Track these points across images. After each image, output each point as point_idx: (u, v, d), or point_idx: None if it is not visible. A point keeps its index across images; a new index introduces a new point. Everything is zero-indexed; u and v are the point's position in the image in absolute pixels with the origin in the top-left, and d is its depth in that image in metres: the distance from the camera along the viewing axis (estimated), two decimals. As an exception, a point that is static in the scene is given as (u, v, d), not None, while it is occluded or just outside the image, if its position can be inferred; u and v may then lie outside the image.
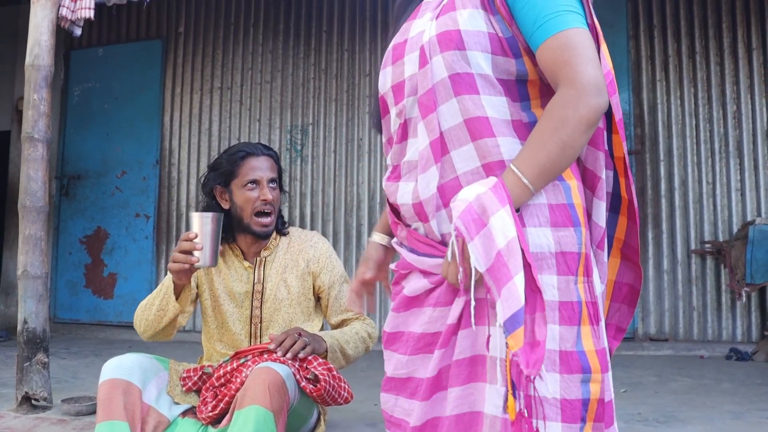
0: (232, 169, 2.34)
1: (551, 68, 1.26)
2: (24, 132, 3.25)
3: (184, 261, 2.02)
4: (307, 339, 2.15)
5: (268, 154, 2.39)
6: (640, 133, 5.31)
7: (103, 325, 6.31)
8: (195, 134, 6.32)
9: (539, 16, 1.27)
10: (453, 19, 1.33)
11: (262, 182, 2.34)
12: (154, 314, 2.27)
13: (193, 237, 2.01)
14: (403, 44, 1.44)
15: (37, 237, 3.17)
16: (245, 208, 2.34)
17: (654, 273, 5.19)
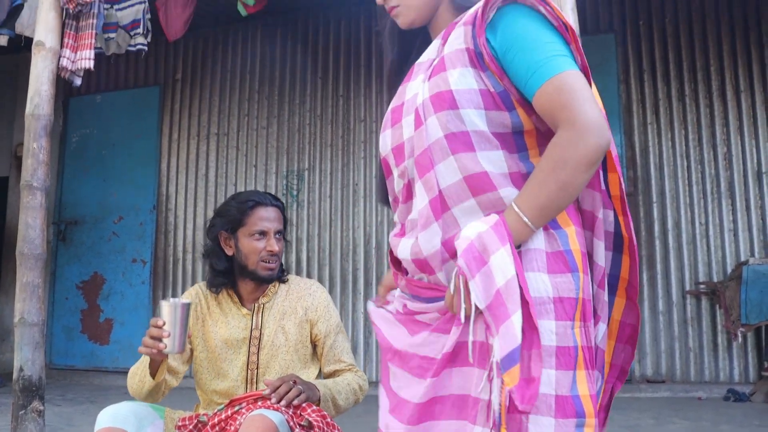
0: (241, 217, 2.37)
1: (550, 113, 1.28)
2: (23, 180, 3.28)
3: (153, 347, 2.04)
4: (302, 387, 2.16)
5: (276, 205, 2.42)
6: (632, 175, 5.37)
7: (99, 371, 6.28)
8: (192, 180, 6.37)
9: (531, 64, 1.29)
10: (444, 80, 1.35)
11: (270, 233, 2.37)
12: (137, 384, 2.29)
13: (162, 324, 2.03)
14: (400, 107, 1.47)
15: (35, 284, 3.18)
16: (250, 257, 2.37)
17: (650, 314, 5.20)
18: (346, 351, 2.49)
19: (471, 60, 1.35)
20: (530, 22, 1.32)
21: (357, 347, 5.72)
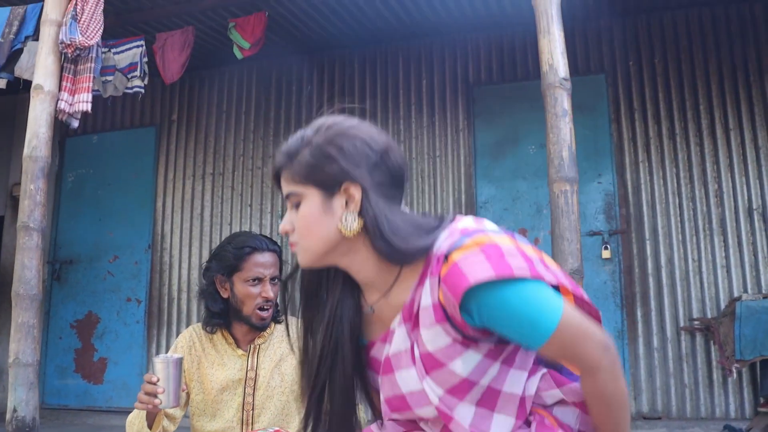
0: (237, 263, 2.38)
1: (566, 360, 1.33)
2: (20, 221, 3.31)
3: (148, 402, 2.07)
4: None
5: (273, 250, 2.43)
6: (625, 213, 5.41)
7: (93, 410, 6.23)
8: (187, 219, 6.40)
9: (524, 329, 1.27)
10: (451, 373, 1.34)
11: (265, 280, 2.39)
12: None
13: (156, 380, 2.06)
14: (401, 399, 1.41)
15: (30, 325, 3.19)
16: (245, 302, 2.38)
17: (644, 351, 5.21)
18: None
19: (464, 343, 1.32)
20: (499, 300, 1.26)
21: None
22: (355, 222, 1.33)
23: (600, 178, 5.49)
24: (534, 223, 5.57)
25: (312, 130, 1.39)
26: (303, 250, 1.40)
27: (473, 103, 5.93)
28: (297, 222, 1.39)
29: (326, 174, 1.34)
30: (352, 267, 1.40)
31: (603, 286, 5.34)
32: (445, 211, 5.79)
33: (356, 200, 1.33)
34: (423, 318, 1.34)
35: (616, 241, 5.39)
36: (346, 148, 1.34)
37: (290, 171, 1.39)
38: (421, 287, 1.34)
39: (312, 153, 1.36)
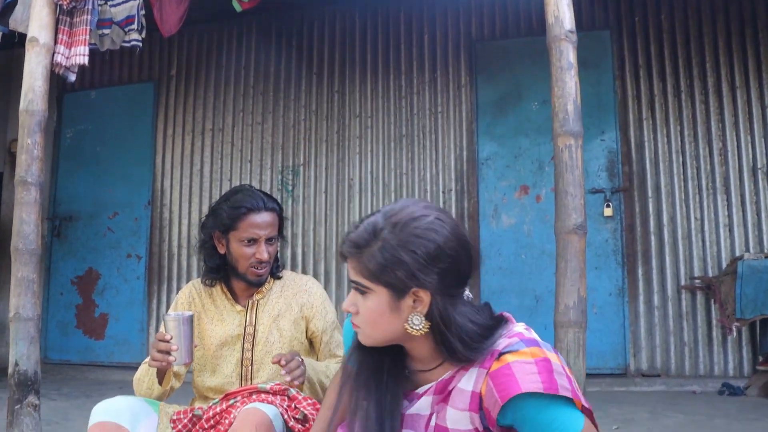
0: (232, 223, 2.35)
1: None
2: (17, 176, 3.27)
3: (162, 360, 2.10)
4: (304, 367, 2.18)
5: (271, 209, 2.39)
6: (627, 170, 5.37)
7: (95, 365, 6.27)
8: (187, 175, 6.36)
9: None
10: None
11: (260, 241, 2.36)
12: (145, 391, 2.33)
13: (169, 338, 2.09)
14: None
15: (29, 279, 3.18)
16: (240, 261, 2.36)
17: (645, 309, 5.21)
18: (341, 345, 2.50)
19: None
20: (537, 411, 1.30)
21: (352, 342, 5.73)
22: (421, 324, 1.37)
23: (603, 136, 5.43)
24: (536, 180, 5.53)
25: (385, 222, 1.39)
26: (366, 336, 1.44)
27: (475, 59, 5.84)
28: (362, 311, 1.41)
29: (397, 278, 1.34)
30: (408, 346, 1.44)
31: (604, 244, 5.33)
32: (446, 170, 5.75)
33: (425, 304, 1.36)
34: (455, 398, 1.38)
35: (619, 199, 5.36)
36: (419, 254, 1.34)
37: (358, 263, 1.39)
38: (463, 372, 1.38)
39: (383, 253, 1.36)
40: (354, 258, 1.40)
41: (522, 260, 5.42)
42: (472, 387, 1.36)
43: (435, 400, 1.41)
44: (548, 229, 5.35)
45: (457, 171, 5.73)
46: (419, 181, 5.81)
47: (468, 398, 1.36)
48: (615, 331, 5.25)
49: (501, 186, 5.60)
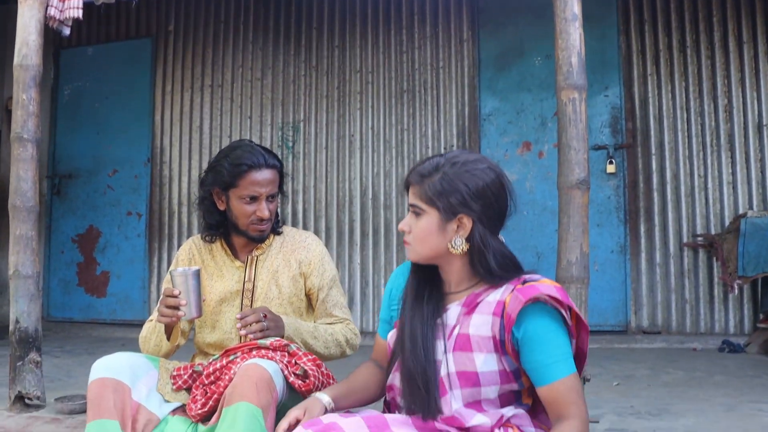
0: (232, 180, 2.31)
1: (558, 403, 1.60)
2: (13, 132, 3.23)
3: (171, 315, 2.11)
4: (269, 324, 2.17)
5: (272, 166, 2.35)
6: (631, 127, 5.32)
7: (97, 323, 6.30)
8: (186, 132, 6.31)
9: (547, 362, 1.60)
10: (471, 360, 1.64)
11: (261, 199, 2.33)
12: (153, 348, 2.34)
13: (177, 293, 2.10)
14: None
15: (28, 237, 3.15)
16: (240, 218, 2.34)
17: (646, 266, 5.20)
18: (339, 305, 2.48)
19: (495, 346, 1.64)
20: (550, 323, 1.62)
21: (353, 298, 5.74)
22: (462, 245, 1.69)
23: (607, 91, 5.36)
24: (538, 136, 5.48)
25: (446, 161, 1.71)
26: (414, 252, 1.75)
27: (477, 13, 5.74)
28: (415, 230, 1.72)
29: (449, 203, 1.67)
30: (445, 269, 1.76)
31: (607, 201, 5.29)
32: (448, 126, 5.70)
33: (467, 229, 1.68)
34: (481, 308, 1.67)
35: (622, 155, 5.31)
36: (470, 187, 1.67)
37: (419, 189, 1.71)
38: (492, 290, 1.69)
39: (442, 182, 1.68)
40: (417, 185, 1.71)
41: (524, 217, 5.39)
42: (498, 297, 1.66)
43: (462, 312, 1.70)
44: (550, 186, 5.32)
45: (459, 127, 5.68)
46: (420, 137, 5.76)
47: (493, 306, 1.65)
48: (616, 288, 5.24)
49: (503, 142, 5.55)
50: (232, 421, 1.82)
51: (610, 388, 3.53)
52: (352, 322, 2.49)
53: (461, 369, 1.64)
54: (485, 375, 1.64)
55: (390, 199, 5.78)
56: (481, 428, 1.63)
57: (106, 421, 1.93)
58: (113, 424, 1.93)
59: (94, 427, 1.93)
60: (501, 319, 1.63)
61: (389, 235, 5.75)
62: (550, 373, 1.60)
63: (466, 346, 1.65)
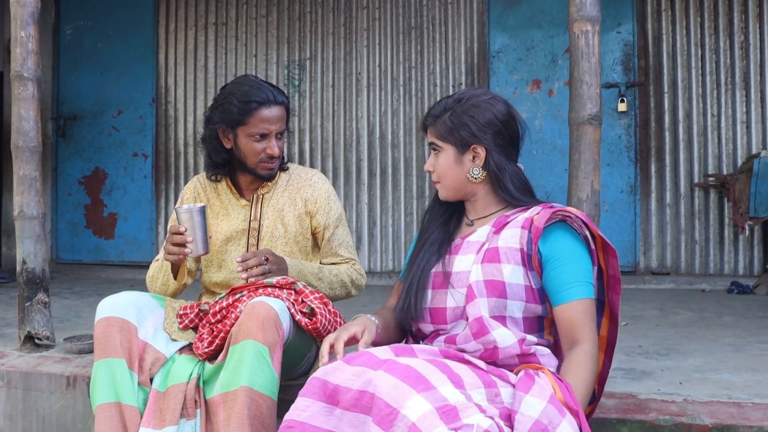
0: (241, 118, 2.25)
1: (571, 323, 1.68)
2: (13, 71, 3.16)
3: (178, 253, 2.10)
4: (271, 267, 2.14)
5: (280, 103, 2.29)
6: (644, 64, 5.20)
7: (105, 265, 6.33)
8: (191, 71, 6.22)
9: (567, 281, 1.69)
10: (499, 270, 1.72)
11: (271, 136, 2.27)
12: (160, 288, 2.33)
13: (183, 230, 2.08)
14: (446, 275, 1.82)
15: (32, 177, 3.12)
16: (249, 156, 2.29)
17: (656, 206, 5.16)
18: (345, 245, 2.45)
19: (522, 259, 1.73)
20: (574, 244, 1.73)
21: (361, 238, 5.73)
22: (480, 173, 1.84)
23: (619, 28, 5.24)
24: (548, 74, 5.38)
25: (454, 99, 1.86)
26: (443, 189, 1.90)
27: (488, -53, 5.58)
28: (437, 167, 1.88)
29: (460, 136, 1.82)
30: (472, 201, 1.90)
31: (617, 140, 5.22)
32: (456, 63, 5.59)
33: (481, 158, 1.83)
34: (511, 224, 1.78)
35: (633, 93, 5.21)
36: (477, 119, 1.81)
37: (434, 128, 1.87)
38: (521, 212, 1.81)
39: (451, 119, 1.84)
40: (432, 126, 1.88)
41: (533, 156, 5.33)
42: (527, 215, 1.77)
43: (492, 231, 1.80)
44: (560, 125, 5.24)
45: (468, 64, 5.57)
46: (428, 75, 5.66)
47: (522, 221, 1.76)
48: (626, 228, 5.21)
49: (512, 80, 5.45)
50: (238, 359, 1.82)
51: (619, 327, 3.52)
52: (358, 262, 2.46)
53: (489, 278, 1.72)
54: (512, 287, 1.71)
55: (397, 138, 5.71)
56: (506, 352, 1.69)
57: (113, 360, 1.93)
58: (120, 363, 1.93)
59: (101, 366, 1.93)
60: (529, 232, 1.73)
61: (397, 175, 5.70)
62: (570, 292, 1.68)
63: (495, 258, 1.73)
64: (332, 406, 1.49)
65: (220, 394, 1.87)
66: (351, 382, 1.47)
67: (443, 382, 1.47)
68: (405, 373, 1.45)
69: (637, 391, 2.27)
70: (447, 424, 1.36)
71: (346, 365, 1.52)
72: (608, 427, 2.06)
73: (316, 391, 1.51)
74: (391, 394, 1.40)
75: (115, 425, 1.87)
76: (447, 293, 1.79)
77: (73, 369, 2.81)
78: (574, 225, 1.74)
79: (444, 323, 1.80)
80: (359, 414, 1.44)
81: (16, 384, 2.86)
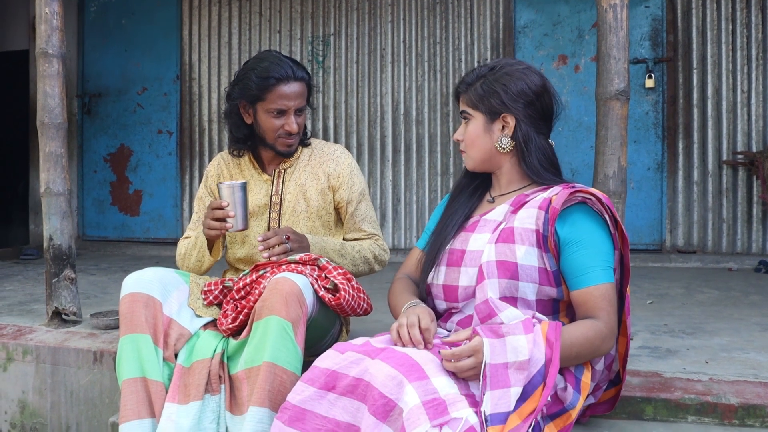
0: (260, 93, 2.26)
1: (588, 307, 1.66)
2: (38, 48, 3.18)
3: (219, 228, 2.12)
4: (292, 245, 2.14)
5: (300, 79, 2.28)
6: (672, 39, 5.11)
7: (131, 241, 6.38)
8: (215, 48, 6.21)
9: (586, 265, 1.67)
10: (512, 251, 1.70)
11: (289, 113, 2.27)
12: (194, 264, 2.35)
13: (225, 205, 2.10)
14: (461, 253, 1.80)
15: (58, 154, 3.14)
16: (268, 133, 2.29)
17: (683, 184, 5.09)
18: (368, 220, 2.44)
19: (538, 241, 1.70)
20: (594, 227, 1.71)
21: (385, 214, 5.72)
22: (508, 143, 1.82)
23: (647, 2, 5.14)
24: (575, 49, 5.30)
25: (487, 68, 1.84)
26: (470, 159, 1.88)
27: None
28: (466, 136, 1.86)
29: (490, 104, 1.80)
30: (497, 173, 1.88)
31: (644, 117, 5.15)
32: (481, 39, 5.53)
33: (510, 127, 1.81)
34: (529, 204, 1.75)
35: (661, 69, 5.13)
36: (509, 88, 1.79)
37: (466, 96, 1.85)
38: (541, 191, 1.78)
39: (483, 87, 1.82)
40: (464, 93, 1.86)
41: (558, 132, 5.27)
42: (546, 195, 1.73)
43: (509, 210, 1.78)
44: (586, 101, 5.17)
45: (493, 40, 5.51)
46: (453, 51, 5.60)
47: (539, 202, 1.73)
48: (652, 206, 5.15)
49: (538, 55, 5.38)
50: (262, 335, 1.83)
51: (643, 306, 3.49)
52: (381, 237, 2.46)
53: (501, 258, 1.70)
54: (524, 268, 1.69)
55: (422, 114, 5.68)
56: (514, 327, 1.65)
57: (138, 335, 1.94)
58: (145, 339, 1.94)
59: (126, 341, 1.94)
60: (546, 213, 1.70)
61: (421, 151, 5.67)
62: (589, 277, 1.67)
63: (510, 238, 1.71)
64: (326, 391, 1.52)
65: (244, 369, 1.88)
66: (348, 369, 1.51)
67: (437, 371, 1.51)
68: (400, 361, 1.48)
69: (662, 370, 2.26)
70: (432, 420, 1.38)
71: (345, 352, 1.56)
72: (633, 406, 2.05)
73: (313, 376, 1.54)
74: (386, 385, 1.43)
75: (140, 400, 1.89)
76: (460, 271, 1.78)
77: (99, 344, 2.84)
78: (595, 207, 1.71)
79: (456, 301, 1.80)
80: (354, 400, 1.49)
81: (44, 359, 2.90)
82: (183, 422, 1.87)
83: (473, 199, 1.94)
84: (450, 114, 5.59)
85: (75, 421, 2.87)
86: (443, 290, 1.81)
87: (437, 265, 1.84)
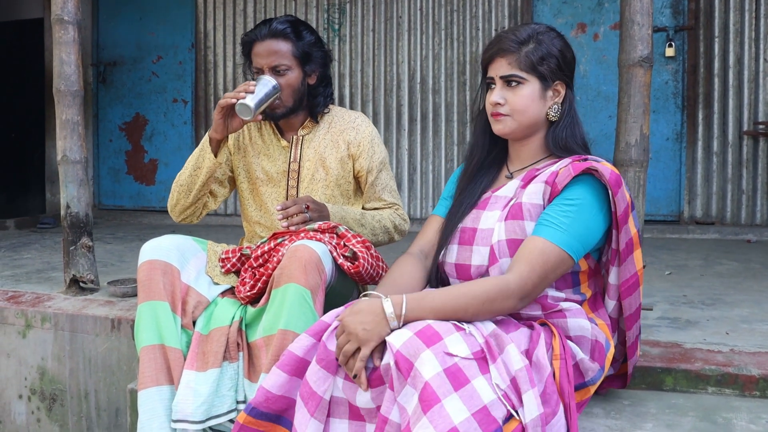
0: (246, 56, 2.32)
1: (518, 255, 1.57)
2: (53, 15, 3.17)
3: (235, 96, 2.12)
4: (312, 214, 2.12)
5: (274, 35, 2.23)
6: (693, 7, 5.01)
7: (147, 210, 6.41)
8: (230, 16, 6.17)
9: (548, 219, 1.59)
10: (521, 228, 1.64)
11: (264, 71, 2.25)
12: (189, 175, 2.33)
13: (253, 85, 2.13)
14: (472, 232, 1.74)
15: (74, 121, 3.14)
16: None
17: (703, 155, 5.02)
18: (388, 189, 2.42)
19: None
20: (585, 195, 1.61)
21: (401, 184, 5.70)
22: (558, 111, 1.75)
23: (670, -31, 5.04)
24: (594, 17, 5.21)
25: (542, 30, 1.74)
26: (512, 123, 1.74)
27: None
28: (514, 101, 1.71)
29: (550, 70, 1.71)
30: (523, 142, 1.79)
31: (664, 86, 5.07)
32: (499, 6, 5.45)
33: (561, 95, 1.75)
34: (538, 178, 1.69)
35: (682, 38, 5.04)
36: (566, 55, 1.75)
37: (517, 57, 1.70)
38: (551, 165, 1.72)
39: (541, 48, 1.71)
40: (513, 53, 1.71)
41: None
42: (554, 169, 1.67)
43: (520, 185, 1.72)
44: (605, 70, 5.10)
45: (511, 7, 5.43)
46: (471, 18, 5.53)
47: (547, 175, 1.67)
48: (670, 177, 5.09)
49: (557, 23, 5.29)
50: (280, 303, 1.82)
51: (662, 277, 3.47)
52: (401, 206, 2.44)
53: (512, 236, 1.65)
54: None
55: (439, 83, 5.62)
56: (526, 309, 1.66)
57: (156, 302, 1.94)
58: (163, 306, 1.94)
59: (145, 308, 1.95)
60: (551, 187, 1.65)
61: (438, 120, 5.63)
62: (540, 228, 1.59)
63: (518, 215, 1.66)
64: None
65: (263, 337, 1.87)
66: None
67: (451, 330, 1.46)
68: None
69: (682, 341, 2.24)
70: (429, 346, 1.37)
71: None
72: (652, 376, 2.03)
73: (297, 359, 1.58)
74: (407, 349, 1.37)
75: (159, 367, 1.90)
76: (472, 250, 1.72)
77: (117, 312, 2.86)
78: (603, 180, 1.61)
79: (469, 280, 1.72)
80: None
81: (62, 326, 2.93)
82: (201, 389, 1.87)
83: (490, 174, 1.86)
84: (467, 82, 5.53)
85: (93, 388, 2.90)
86: (455, 269, 1.76)
87: (449, 244, 1.78)
